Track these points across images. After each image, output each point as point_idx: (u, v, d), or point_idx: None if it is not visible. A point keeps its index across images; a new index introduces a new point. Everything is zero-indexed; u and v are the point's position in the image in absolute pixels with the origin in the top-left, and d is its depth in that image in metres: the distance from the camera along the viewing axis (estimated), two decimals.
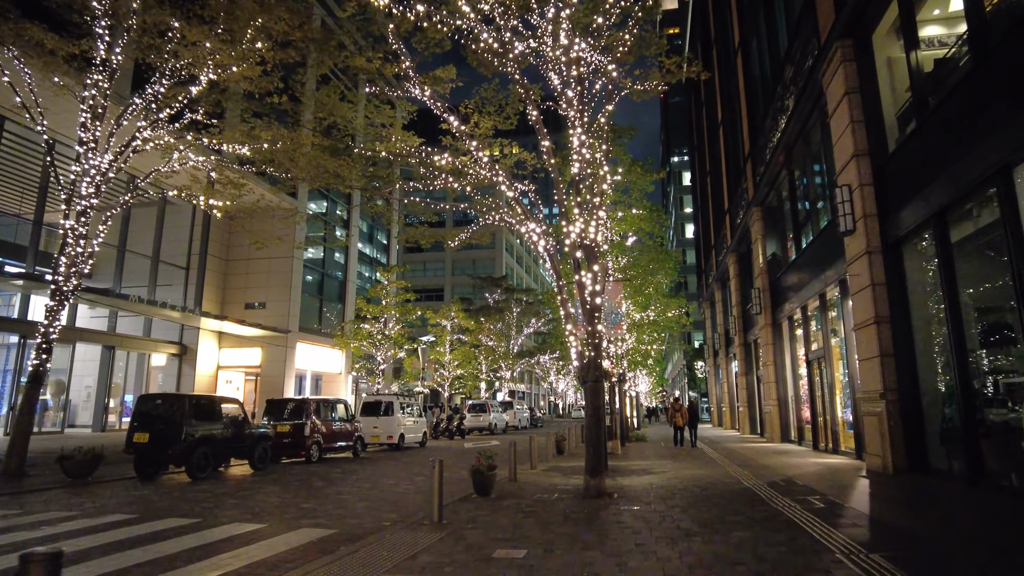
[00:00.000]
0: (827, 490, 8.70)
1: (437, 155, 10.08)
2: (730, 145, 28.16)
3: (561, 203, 9.46)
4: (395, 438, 19.29)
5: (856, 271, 11.64)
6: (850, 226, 11.63)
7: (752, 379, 26.20)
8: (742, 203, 24.34)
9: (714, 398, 39.95)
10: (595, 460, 8.74)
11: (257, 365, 31.39)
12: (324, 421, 15.93)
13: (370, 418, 19.56)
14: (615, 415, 16.84)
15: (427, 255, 74.61)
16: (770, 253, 21.27)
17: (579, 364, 9.21)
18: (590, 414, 8.94)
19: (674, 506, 7.74)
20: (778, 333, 20.52)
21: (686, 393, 69.19)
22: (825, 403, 15.86)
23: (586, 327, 9.25)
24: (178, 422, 11.16)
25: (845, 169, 11.97)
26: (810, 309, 17.30)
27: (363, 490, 10.41)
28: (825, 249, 14.95)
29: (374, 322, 27.27)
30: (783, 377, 20.15)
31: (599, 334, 9.13)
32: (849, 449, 14.06)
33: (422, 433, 21.57)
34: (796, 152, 17.38)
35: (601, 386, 9.08)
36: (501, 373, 46.85)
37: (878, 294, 10.91)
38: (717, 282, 34.35)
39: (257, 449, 13.26)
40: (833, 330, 15.53)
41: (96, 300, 24.24)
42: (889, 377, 10.60)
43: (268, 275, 31.92)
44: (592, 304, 9.22)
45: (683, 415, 21.65)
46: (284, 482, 11.49)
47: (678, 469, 12.31)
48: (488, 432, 30.77)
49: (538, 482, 10.56)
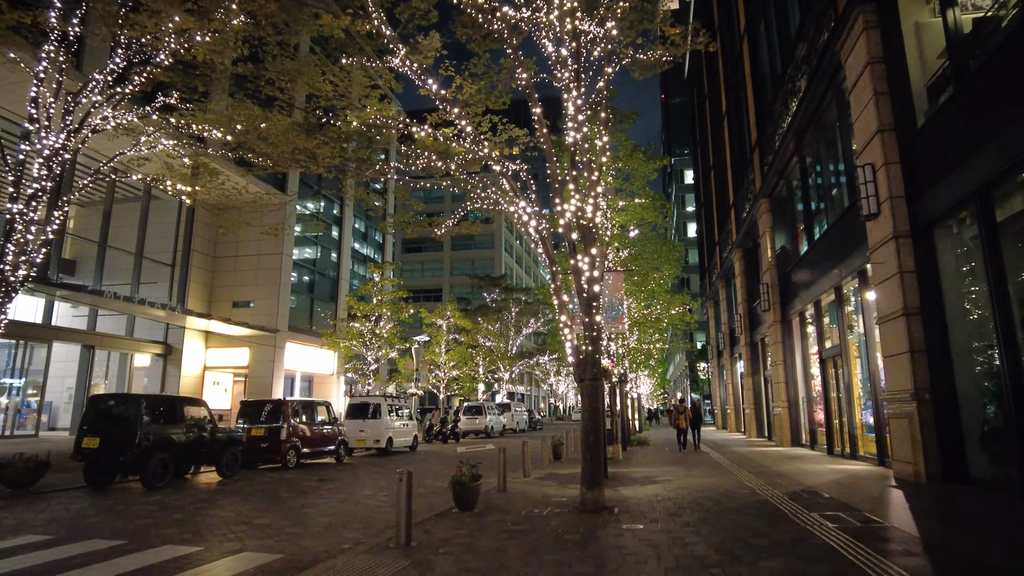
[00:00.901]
0: (858, 504, 7.60)
1: (417, 127, 8.99)
2: (735, 136, 27.08)
3: (555, 179, 8.38)
4: (382, 442, 18.19)
5: (881, 258, 10.55)
6: (873, 209, 10.55)
7: (759, 380, 25.10)
8: (748, 195, 23.27)
9: (718, 400, 38.83)
10: (593, 470, 7.65)
11: (245, 366, 30.31)
12: (303, 424, 14.85)
13: (356, 421, 18.48)
14: (615, 417, 15.75)
15: (425, 255, 73.58)
16: (779, 247, 20.19)
17: (575, 360, 8.13)
18: (587, 417, 7.85)
19: (685, 524, 6.65)
20: (788, 331, 19.42)
21: (688, 395, 68.06)
22: (841, 404, 14.76)
23: (583, 318, 8.17)
24: (132, 425, 10.07)
25: (868, 147, 10.88)
26: (824, 304, 16.21)
27: (333, 502, 9.32)
28: (841, 239, 13.87)
29: (364, 321, 26.17)
30: (793, 377, 19.05)
31: (597, 326, 8.05)
32: (869, 454, 12.96)
33: (412, 437, 20.48)
34: (808, 137, 16.30)
35: (600, 385, 8.00)
36: (499, 374, 45.77)
37: (907, 283, 9.82)
38: (721, 280, 33.25)
39: (225, 455, 12.17)
40: (850, 326, 14.43)
41: (72, 297, 23.20)
42: (921, 375, 9.50)
43: (256, 272, 30.86)
44: (590, 292, 8.14)
45: (687, 417, 20.86)
46: (248, 492, 10.40)
47: (685, 477, 11.21)
48: (484, 435, 29.67)
49: (530, 493, 9.48)
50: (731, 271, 30.33)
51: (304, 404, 15.43)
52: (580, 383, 8.00)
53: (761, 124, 20.99)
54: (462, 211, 10.86)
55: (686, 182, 75.52)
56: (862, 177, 10.75)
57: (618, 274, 11.98)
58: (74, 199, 27.89)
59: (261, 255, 31.02)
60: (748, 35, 22.17)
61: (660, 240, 18.64)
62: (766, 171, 19.91)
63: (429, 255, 73.32)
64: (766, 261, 20.45)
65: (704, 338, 66.75)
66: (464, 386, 37.54)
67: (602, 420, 7.93)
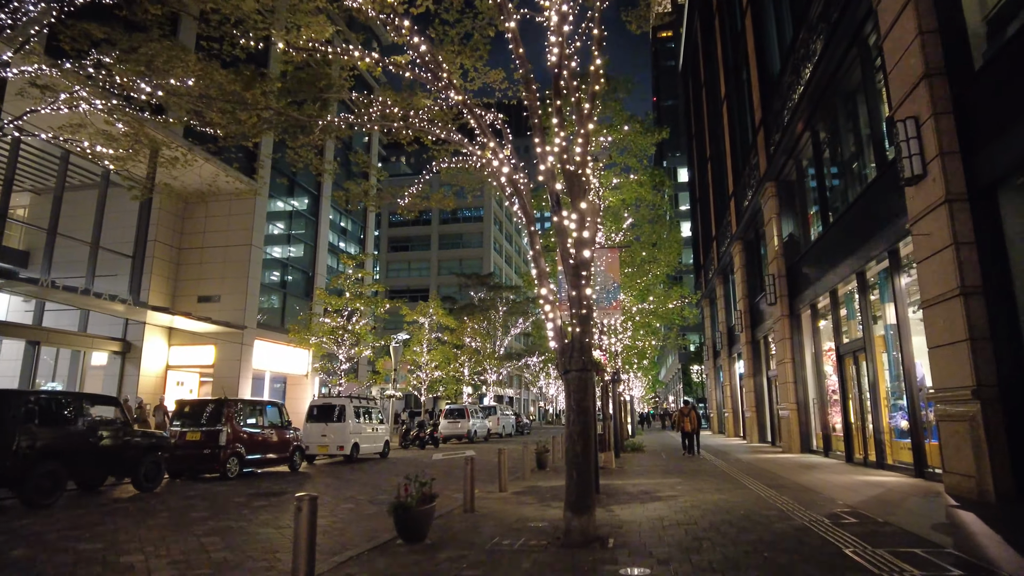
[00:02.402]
0: (931, 534, 5.80)
1: (363, 53, 7.12)
2: (735, 121, 25.40)
3: (534, 112, 6.53)
4: (347, 448, 16.24)
5: (927, 229, 8.77)
6: (917, 170, 8.78)
7: (761, 380, 23.36)
8: (751, 182, 21.55)
9: (714, 403, 37.10)
10: (581, 489, 5.79)
11: (210, 365, 28.22)
12: (249, 428, 12.90)
13: (318, 425, 16.53)
14: (608, 420, 13.92)
15: (412, 254, 71.59)
16: (786, 234, 18.46)
17: (558, 346, 6.29)
18: (573, 419, 6.01)
19: (708, 568, 4.81)
20: (797, 325, 17.67)
21: (680, 398, 66.39)
22: (864, 406, 13.00)
23: (569, 291, 6.32)
24: (8, 428, 8.10)
25: (909, 99, 9.13)
26: (841, 294, 14.47)
27: (252, 527, 7.40)
28: (866, 216, 12.14)
29: (336, 316, 24.19)
30: (803, 377, 17.29)
31: (587, 301, 6.21)
32: (903, 464, 11.19)
33: (383, 443, 18.52)
34: (823, 107, 14.58)
35: (590, 378, 6.15)
36: (486, 376, 43.86)
37: (964, 256, 8.05)
38: (719, 276, 31.54)
39: (144, 464, 10.20)
40: (875, 316, 12.68)
41: (6, 286, 21.08)
42: (984, 368, 7.73)
43: (224, 265, 28.82)
44: (578, 259, 6.30)
45: (691, 420, 19.24)
46: (153, 512, 8.46)
47: (693, 492, 9.38)
48: (467, 440, 27.73)
49: (503, 514, 7.61)
50: (730, 266, 28.62)
51: (252, 405, 13.50)
52: (564, 376, 6.15)
53: (766, 102, 19.29)
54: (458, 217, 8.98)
55: (680, 180, 74.03)
56: (902, 134, 8.98)
57: (613, 252, 10.18)
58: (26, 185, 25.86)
59: (229, 247, 29.00)
60: (752, 5, 20.49)
61: (659, 222, 16.80)
62: (772, 152, 18.20)
63: (416, 254, 71.36)
64: (772, 250, 18.71)
65: (698, 340, 65.14)
66: (447, 388, 35.56)
67: (593, 423, 6.08)
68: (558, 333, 6.31)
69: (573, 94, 6.51)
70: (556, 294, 6.74)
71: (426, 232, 71.20)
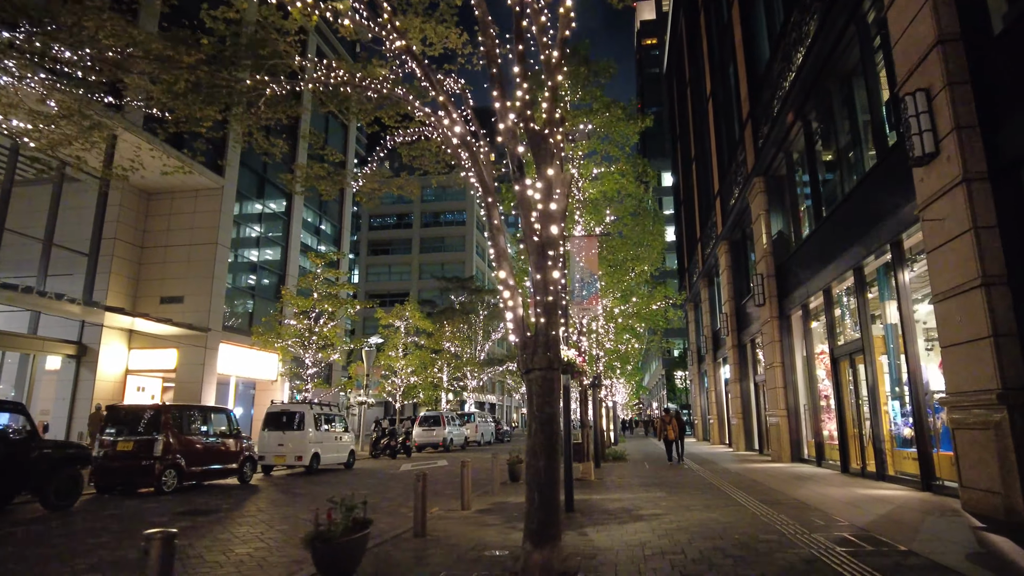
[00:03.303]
0: (966, 566, 4.79)
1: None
2: (721, 117, 24.61)
3: (493, 58, 5.46)
4: (305, 458, 14.98)
5: (940, 213, 7.83)
6: (929, 148, 7.85)
7: (748, 386, 22.46)
8: (738, 179, 20.71)
9: (698, 409, 36.23)
10: (544, 515, 4.70)
11: (172, 369, 26.76)
12: (192, 436, 11.65)
13: (275, 433, 15.27)
14: (587, 428, 12.85)
15: (392, 258, 70.24)
16: (775, 232, 17.59)
17: (520, 340, 5.21)
18: (536, 429, 4.93)
19: None
20: (787, 328, 16.77)
21: (665, 404, 65.60)
22: (861, 412, 12.08)
23: (533, 275, 5.26)
24: None
25: (919, 69, 8.21)
26: (836, 292, 13.57)
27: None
28: (865, 206, 11.25)
29: (302, 318, 22.91)
30: (793, 381, 16.38)
31: (555, 286, 5.14)
32: (907, 475, 10.24)
33: (348, 452, 17.28)
34: (817, 92, 13.73)
35: (556, 380, 5.08)
36: (466, 382, 42.67)
37: (985, 243, 7.11)
38: (704, 279, 30.71)
39: (55, 479, 8.93)
40: (875, 315, 11.77)
41: None
42: (1011, 368, 6.77)
43: (188, 265, 27.41)
44: (544, 236, 5.25)
45: (675, 428, 18.44)
46: (41, 537, 7.21)
47: (679, 509, 8.33)
48: (442, 449, 26.49)
49: (459, 539, 6.50)
50: (715, 268, 27.79)
51: (195, 411, 12.25)
52: (526, 376, 5.07)
53: (754, 94, 18.46)
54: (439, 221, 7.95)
55: (664, 184, 73.52)
56: (911, 108, 8.05)
57: (592, 240, 9.14)
58: None
59: (194, 246, 27.60)
60: None
61: (643, 214, 15.78)
62: (761, 145, 17.36)
63: (397, 258, 70.02)
64: (760, 249, 17.82)
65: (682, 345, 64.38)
66: (423, 394, 34.29)
67: (559, 433, 5.01)
68: (519, 325, 5.23)
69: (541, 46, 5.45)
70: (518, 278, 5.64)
71: (407, 236, 69.95)
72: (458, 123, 5.62)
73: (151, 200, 28.64)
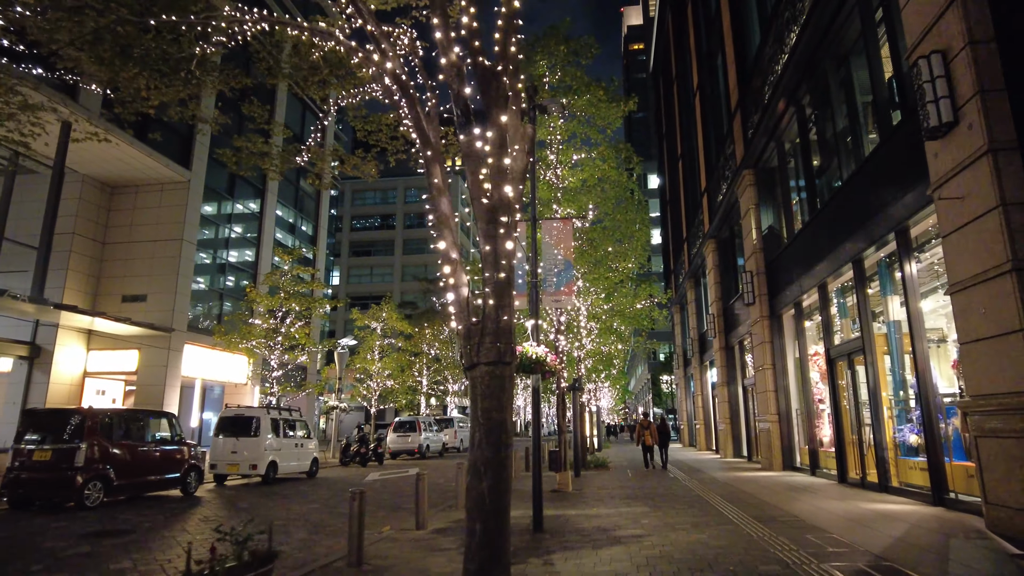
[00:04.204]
0: None
1: None
2: (709, 111, 23.78)
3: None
4: (261, 467, 13.78)
5: (959, 191, 6.89)
6: (947, 117, 6.91)
7: (736, 390, 21.55)
8: (726, 173, 19.84)
9: (684, 414, 35.33)
10: (487, 553, 3.69)
11: (132, 371, 25.36)
12: (123, 444, 10.44)
13: (228, 440, 14.05)
14: (564, 434, 11.80)
15: (375, 259, 68.92)
16: (766, 227, 16.69)
17: (463, 328, 4.14)
18: (480, 440, 3.88)
19: None
20: (778, 327, 15.85)
21: (651, 409, 64.72)
22: (861, 417, 11.14)
23: (482, 246, 4.20)
24: None
25: (933, 30, 7.28)
26: (832, 288, 12.65)
27: None
28: (866, 193, 10.33)
29: (267, 317, 21.66)
30: (785, 385, 15.45)
31: (508, 260, 4.09)
32: (913, 487, 9.28)
33: (311, 460, 16.07)
34: (812, 74, 12.85)
35: (507, 376, 4.03)
36: (447, 386, 41.49)
37: (1016, 221, 6.18)
38: (690, 280, 29.85)
39: None
40: (876, 312, 10.85)
41: None
42: None
43: (152, 262, 26.06)
44: (496, 197, 4.22)
45: (653, 434, 17.68)
46: None
47: (663, 528, 7.29)
48: (418, 456, 25.28)
49: (401, 570, 5.41)
50: (702, 268, 26.93)
51: (129, 416, 11.04)
52: (470, 371, 4.01)
53: (744, 82, 17.60)
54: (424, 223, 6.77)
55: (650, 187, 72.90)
56: (925, 74, 7.11)
57: (566, 223, 8.12)
58: None
59: (158, 241, 26.26)
60: None
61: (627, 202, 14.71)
62: (750, 136, 16.48)
63: (379, 259, 68.71)
64: (750, 245, 16.91)
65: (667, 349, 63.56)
66: (400, 399, 33.06)
67: (509, 445, 3.93)
68: (463, 308, 4.17)
69: None
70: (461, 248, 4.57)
71: (390, 236, 68.70)
72: (390, 58, 4.56)
73: (114, 194, 27.24)
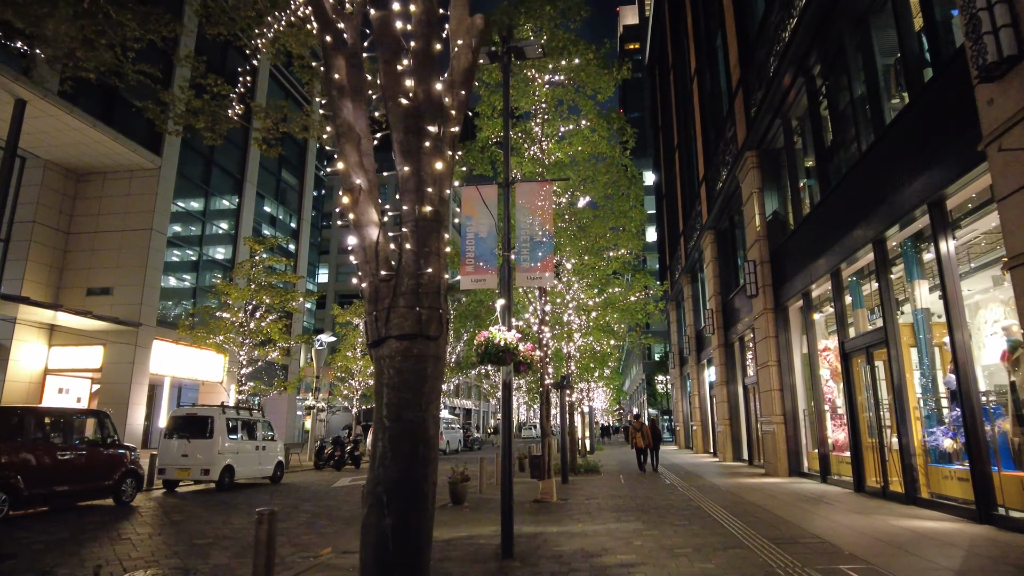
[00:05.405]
0: None
1: None
2: (707, 95, 22.56)
3: None
4: (214, 472, 12.41)
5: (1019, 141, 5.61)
6: (1008, 49, 5.67)
7: (736, 389, 20.29)
8: (726, 159, 18.59)
9: (680, 415, 34.09)
10: None
11: (97, 368, 23.92)
12: (39, 448, 9.07)
13: (179, 442, 12.68)
14: (548, 437, 10.48)
15: None
16: (770, 213, 15.44)
17: (368, 286, 2.78)
18: (385, 451, 2.50)
19: None
20: (784, 320, 14.59)
21: (645, 411, 63.50)
22: (881, 418, 9.87)
23: (400, 167, 2.83)
24: None
25: None
26: (847, 276, 11.38)
27: None
28: (888, 165, 9.09)
29: (236, 310, 20.26)
30: (791, 383, 14.18)
31: (436, 188, 2.73)
32: (949, 499, 8.01)
33: (274, 464, 14.70)
34: (824, 39, 11.59)
35: (432, 358, 2.66)
36: None
37: None
38: (686, 275, 28.59)
39: None
40: (901, 299, 9.59)
41: None
42: None
43: (119, 253, 24.62)
44: (422, 98, 2.84)
45: (645, 435, 17.21)
46: None
47: (660, 553, 6.00)
48: None
49: None
50: (699, 262, 25.69)
51: (48, 416, 9.66)
52: (375, 348, 2.65)
53: (746, 58, 16.35)
54: None
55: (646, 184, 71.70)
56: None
57: (545, 186, 6.81)
58: None
59: (126, 231, 24.82)
60: None
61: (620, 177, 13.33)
62: (753, 115, 15.24)
63: None
64: (752, 233, 15.65)
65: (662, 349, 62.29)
66: None
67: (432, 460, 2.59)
68: (369, 256, 2.84)
69: None
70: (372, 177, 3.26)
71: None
72: None
73: (80, 182, 25.76)
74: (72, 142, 23.13)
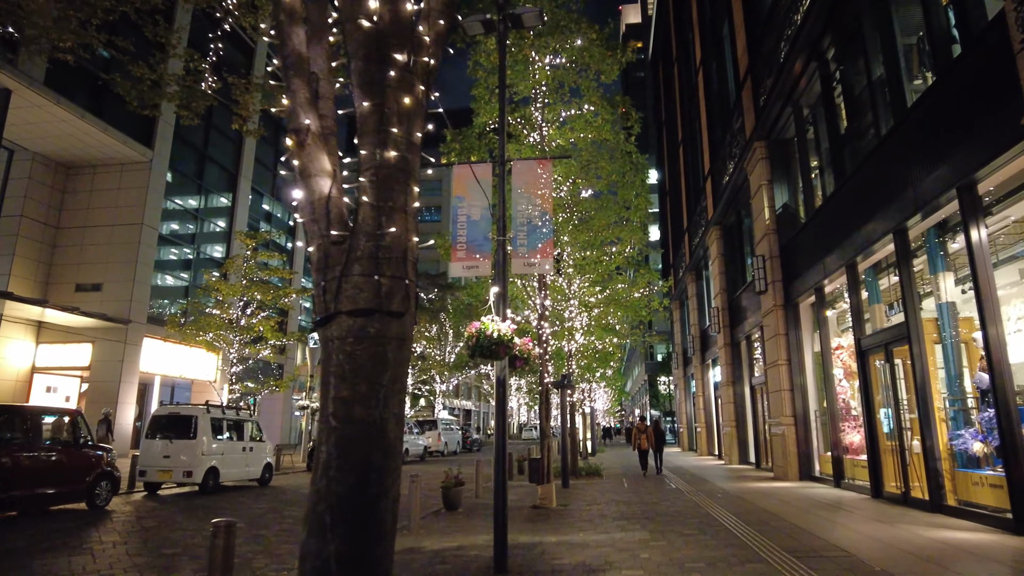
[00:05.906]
0: None
1: None
2: (712, 87, 21.97)
3: None
4: (197, 474, 11.83)
5: None
6: None
7: (742, 389, 19.69)
8: (734, 151, 18.00)
9: (684, 416, 33.46)
10: None
11: (85, 366, 23.35)
12: (3, 448, 8.50)
13: (161, 442, 12.10)
14: (547, 439, 9.88)
15: None
16: (780, 205, 14.85)
17: (317, 248, 2.17)
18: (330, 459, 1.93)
19: None
20: (794, 317, 13.99)
21: (647, 412, 62.88)
22: (902, 419, 9.26)
23: (357, 99, 2.21)
24: None
25: None
26: (864, 268, 10.78)
27: None
28: (909, 151, 8.49)
29: (227, 308, 19.66)
30: (802, 383, 13.58)
31: (402, 129, 2.12)
32: (979, 507, 7.41)
33: (262, 466, 14.11)
34: (839, 19, 11.00)
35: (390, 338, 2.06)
36: (433, 386, 39.61)
37: None
38: (691, 273, 27.99)
39: None
40: (923, 293, 8.99)
41: None
42: None
43: (108, 248, 24.04)
44: (388, 20, 2.24)
45: (649, 437, 16.80)
46: None
47: (669, 568, 5.43)
48: None
49: None
50: (704, 260, 25.10)
51: (14, 414, 9.08)
52: (323, 327, 2.04)
53: (755, 46, 15.77)
54: None
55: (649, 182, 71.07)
56: None
57: (544, 164, 6.23)
58: None
59: (116, 226, 24.24)
60: None
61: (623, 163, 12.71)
62: (762, 104, 14.65)
63: None
64: (762, 226, 15.05)
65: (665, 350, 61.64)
66: None
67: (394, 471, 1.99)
68: (319, 212, 2.25)
69: None
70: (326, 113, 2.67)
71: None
72: None
73: (69, 175, 25.18)
74: (60, 134, 22.56)
